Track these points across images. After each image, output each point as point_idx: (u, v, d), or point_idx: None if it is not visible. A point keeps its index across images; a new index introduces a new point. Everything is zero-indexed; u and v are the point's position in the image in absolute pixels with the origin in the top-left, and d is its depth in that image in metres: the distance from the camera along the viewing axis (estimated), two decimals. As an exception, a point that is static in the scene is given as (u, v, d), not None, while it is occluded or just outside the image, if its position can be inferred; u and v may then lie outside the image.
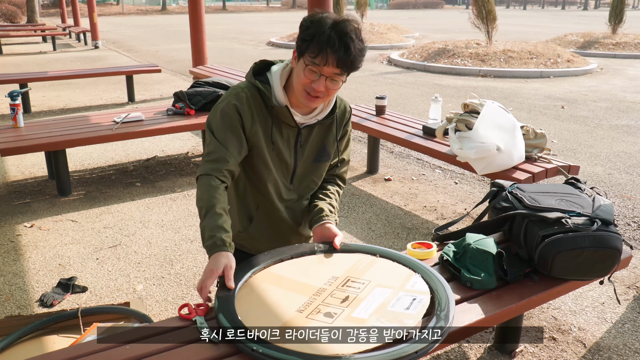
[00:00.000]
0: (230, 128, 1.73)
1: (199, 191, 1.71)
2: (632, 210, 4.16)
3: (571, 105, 8.02)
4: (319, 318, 1.48)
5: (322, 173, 1.96)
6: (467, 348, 2.51)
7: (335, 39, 1.59)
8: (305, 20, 1.66)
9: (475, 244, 1.85)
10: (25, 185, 4.64)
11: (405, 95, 8.88)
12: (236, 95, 1.76)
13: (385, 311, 1.50)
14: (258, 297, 1.58)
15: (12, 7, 24.54)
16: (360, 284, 1.63)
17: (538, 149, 3.55)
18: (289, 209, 1.94)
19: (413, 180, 4.85)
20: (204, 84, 5.07)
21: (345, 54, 1.60)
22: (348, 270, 1.72)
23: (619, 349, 2.52)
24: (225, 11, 41.89)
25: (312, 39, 1.60)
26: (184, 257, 3.40)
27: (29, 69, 11.22)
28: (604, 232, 1.80)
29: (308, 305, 1.54)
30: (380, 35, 17.60)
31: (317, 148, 1.89)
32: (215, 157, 1.71)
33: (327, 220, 1.88)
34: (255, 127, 1.76)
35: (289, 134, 1.82)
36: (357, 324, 1.45)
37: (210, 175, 1.70)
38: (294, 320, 1.47)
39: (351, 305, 1.53)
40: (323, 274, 1.70)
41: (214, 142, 1.73)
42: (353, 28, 1.63)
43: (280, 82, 1.75)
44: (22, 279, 3.13)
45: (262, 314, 1.51)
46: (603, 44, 14.95)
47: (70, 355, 1.44)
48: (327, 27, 1.60)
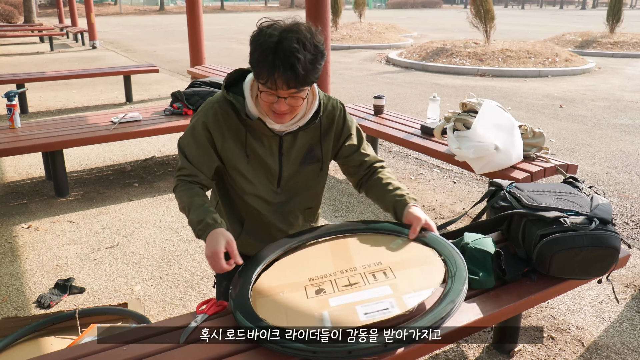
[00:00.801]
0: (199, 146, 1.74)
1: (178, 199, 1.76)
2: (630, 209, 4.17)
3: (569, 105, 8.02)
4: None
5: (310, 175, 1.90)
6: (465, 348, 2.51)
7: (279, 62, 1.49)
8: (252, 38, 1.57)
9: (473, 244, 1.84)
10: (22, 186, 4.63)
11: (404, 94, 8.88)
12: (205, 112, 1.74)
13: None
14: (274, 296, 1.58)
15: (9, 7, 24.50)
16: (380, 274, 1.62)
17: (536, 148, 3.55)
18: (278, 212, 1.90)
19: (411, 180, 4.84)
20: (201, 84, 5.06)
21: (294, 74, 1.50)
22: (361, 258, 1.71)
23: (617, 347, 2.52)
24: (224, 11, 41.87)
25: (258, 65, 1.53)
26: (182, 258, 3.39)
27: (26, 69, 11.20)
28: (602, 231, 1.80)
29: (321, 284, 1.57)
30: (379, 34, 17.61)
31: (304, 151, 1.84)
32: (186, 173, 1.76)
33: (412, 203, 1.84)
34: (227, 144, 1.74)
35: (270, 142, 1.77)
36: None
37: (183, 181, 1.76)
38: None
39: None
40: (339, 261, 1.70)
41: (185, 161, 1.76)
42: (299, 39, 1.52)
43: (252, 93, 1.70)
44: (20, 280, 3.12)
45: (281, 311, 1.50)
46: (601, 43, 14.97)
47: (68, 357, 1.43)
48: (269, 49, 1.50)
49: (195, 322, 1.55)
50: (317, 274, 1.63)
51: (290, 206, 1.92)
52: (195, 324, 1.54)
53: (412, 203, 1.83)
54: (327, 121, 1.85)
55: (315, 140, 1.84)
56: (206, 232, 1.62)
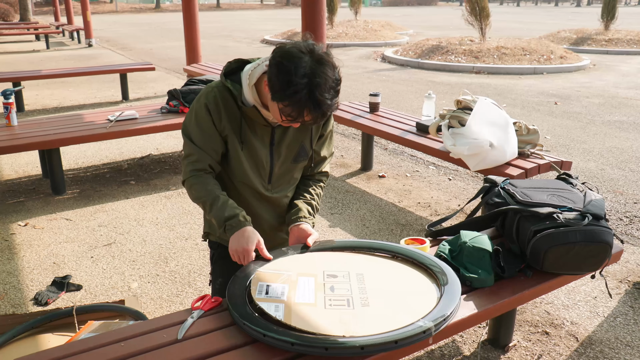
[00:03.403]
0: (204, 128, 1.77)
1: (193, 190, 1.79)
2: (624, 205, 4.19)
3: (564, 102, 8.05)
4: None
5: (298, 171, 1.96)
6: (460, 343, 2.53)
7: (311, 105, 1.53)
8: (276, 71, 1.55)
9: (471, 242, 1.86)
10: (19, 184, 4.63)
11: (399, 92, 8.89)
12: (206, 94, 1.77)
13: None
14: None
15: (4, 5, 24.40)
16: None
17: (530, 145, 3.57)
18: (268, 208, 1.95)
19: (407, 177, 4.86)
20: (198, 82, 5.07)
21: (322, 115, 1.57)
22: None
23: (611, 342, 2.54)
24: (219, 9, 41.76)
25: (285, 100, 1.54)
26: (178, 255, 3.40)
27: (22, 67, 11.17)
28: (595, 226, 1.82)
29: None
30: (374, 32, 17.60)
31: (297, 148, 1.87)
32: (194, 158, 1.79)
33: (304, 221, 1.90)
34: (226, 125, 1.77)
35: (262, 132, 1.81)
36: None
37: (196, 174, 1.79)
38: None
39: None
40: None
41: (191, 145, 1.79)
42: (327, 84, 1.53)
43: (250, 81, 1.71)
44: (17, 278, 3.13)
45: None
46: (596, 41, 15.01)
47: (65, 353, 1.44)
48: (301, 94, 1.51)
49: (192, 318, 1.56)
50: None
51: (280, 202, 1.97)
52: (192, 320, 1.55)
53: (304, 221, 1.91)
54: None
55: (306, 136, 1.88)
56: (237, 228, 1.72)
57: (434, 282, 1.66)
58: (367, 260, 1.81)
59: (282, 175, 1.91)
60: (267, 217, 1.96)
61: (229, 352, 1.42)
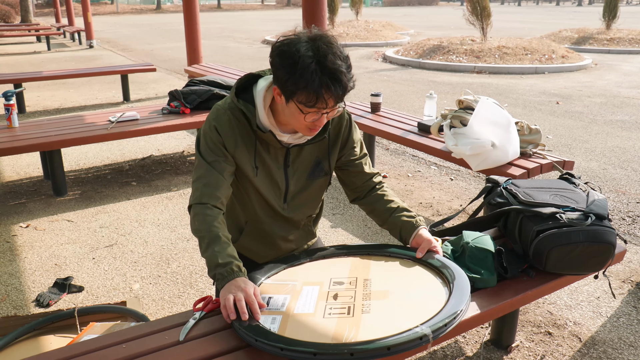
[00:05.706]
0: (216, 150, 1.67)
1: (195, 221, 1.65)
2: (627, 205, 4.18)
3: (566, 101, 8.04)
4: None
5: (317, 188, 1.88)
6: (463, 343, 2.52)
7: (327, 81, 1.45)
8: (279, 62, 1.49)
9: (473, 242, 1.84)
10: (20, 185, 4.63)
11: (400, 92, 8.88)
12: (217, 118, 1.68)
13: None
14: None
15: (5, 6, 24.43)
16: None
17: (533, 144, 3.56)
18: (281, 223, 1.89)
19: (409, 177, 4.86)
20: (199, 82, 5.06)
21: (342, 89, 1.49)
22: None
23: (614, 342, 2.53)
24: (220, 9, 41.78)
25: (300, 87, 1.47)
26: (180, 256, 3.40)
27: (23, 68, 11.18)
28: (598, 226, 1.81)
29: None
30: (375, 32, 17.60)
31: (311, 164, 1.81)
32: (206, 181, 1.66)
33: (421, 224, 1.86)
34: (239, 151, 1.70)
35: (277, 153, 1.75)
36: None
37: (205, 203, 1.65)
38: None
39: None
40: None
41: (204, 165, 1.67)
42: (334, 53, 1.48)
43: (264, 103, 1.64)
44: (18, 280, 3.13)
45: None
46: (597, 40, 14.99)
47: (67, 355, 1.44)
48: (311, 68, 1.44)
49: (194, 319, 1.56)
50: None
51: (294, 217, 1.90)
52: (194, 321, 1.55)
53: (422, 225, 1.86)
54: (334, 132, 1.81)
55: (323, 154, 1.81)
56: (230, 277, 1.54)
57: (445, 286, 1.64)
58: (378, 265, 1.78)
59: (298, 193, 1.84)
60: (279, 232, 1.90)
61: (230, 354, 1.42)
